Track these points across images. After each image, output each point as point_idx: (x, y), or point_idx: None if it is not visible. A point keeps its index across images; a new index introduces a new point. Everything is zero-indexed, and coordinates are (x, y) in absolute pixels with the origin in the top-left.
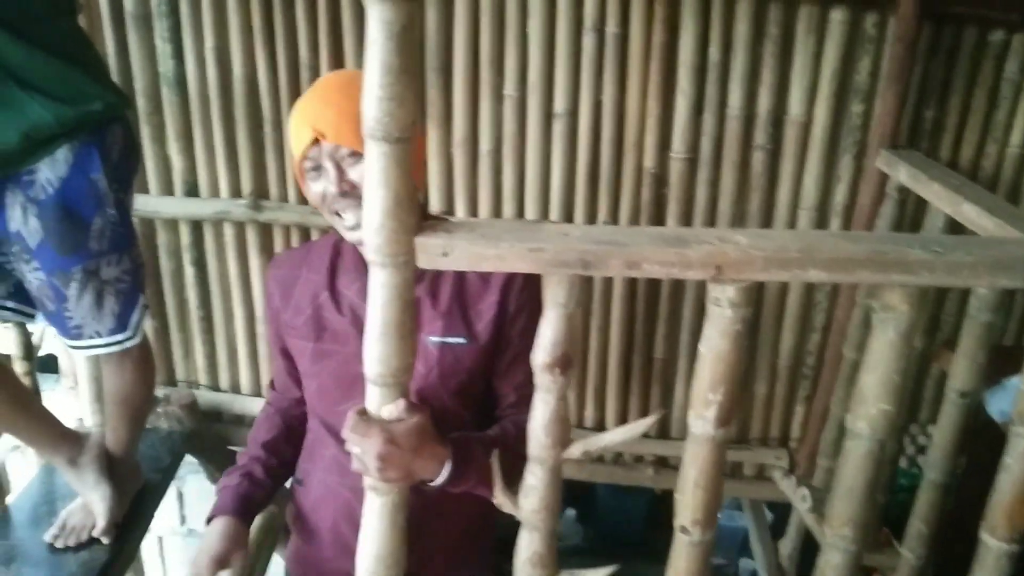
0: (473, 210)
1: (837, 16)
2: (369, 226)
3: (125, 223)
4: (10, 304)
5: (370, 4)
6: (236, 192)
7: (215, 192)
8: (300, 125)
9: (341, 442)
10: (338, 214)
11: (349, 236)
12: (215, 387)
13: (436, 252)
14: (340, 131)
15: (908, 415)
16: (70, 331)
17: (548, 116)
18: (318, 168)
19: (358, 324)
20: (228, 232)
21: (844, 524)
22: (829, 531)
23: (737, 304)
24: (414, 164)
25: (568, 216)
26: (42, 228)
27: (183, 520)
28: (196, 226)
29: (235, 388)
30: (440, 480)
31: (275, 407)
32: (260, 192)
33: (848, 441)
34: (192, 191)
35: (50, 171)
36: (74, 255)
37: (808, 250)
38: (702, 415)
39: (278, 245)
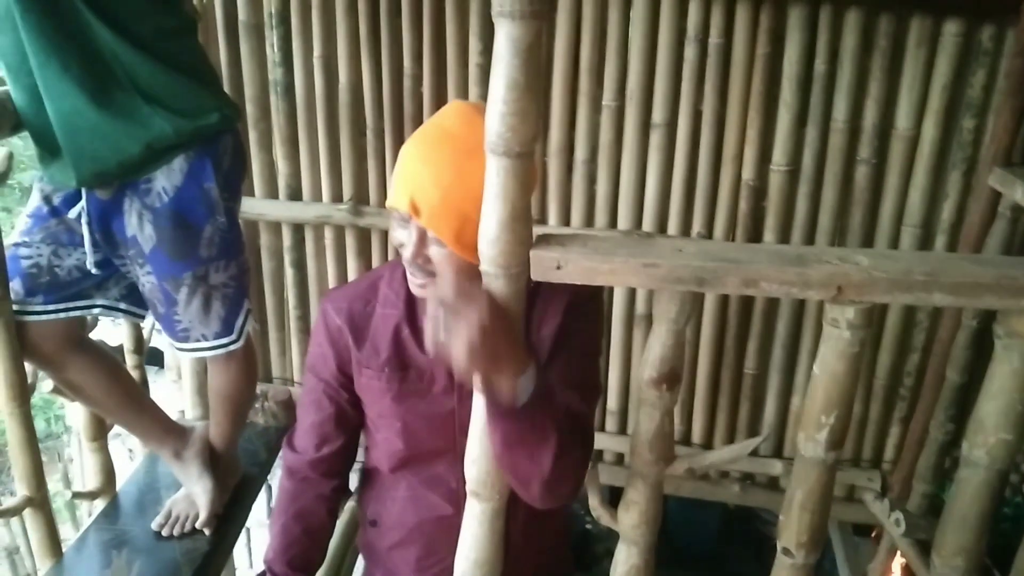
0: (565, 219)
1: (951, 28)
2: (485, 237)
3: (233, 230)
4: (122, 306)
5: (499, 22)
6: (337, 197)
7: (317, 196)
8: (404, 181)
9: (419, 477)
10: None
11: (415, 290)
12: None
13: (550, 265)
14: (435, 218)
15: None
16: (178, 333)
17: (646, 126)
18: (405, 222)
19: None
20: (328, 235)
21: (956, 554)
22: (938, 560)
23: (856, 326)
24: (532, 177)
25: (662, 227)
26: (156, 234)
27: (270, 512)
28: (297, 229)
29: None
30: (521, 388)
31: (305, 482)
32: (360, 197)
33: (963, 469)
34: (295, 195)
35: (166, 180)
36: (185, 261)
37: (934, 273)
38: (813, 437)
39: (376, 249)
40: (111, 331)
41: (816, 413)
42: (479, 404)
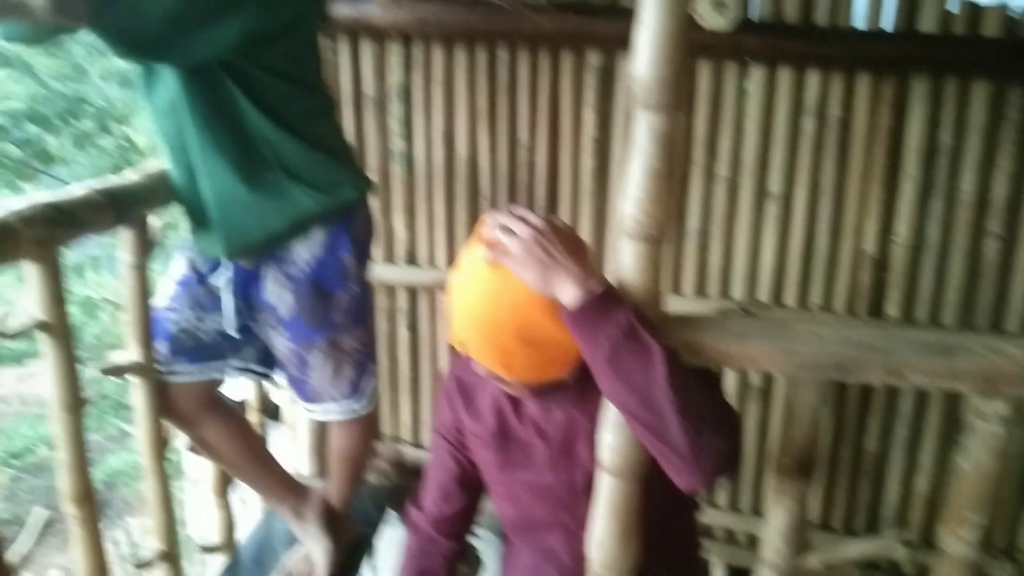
0: (676, 286)
1: None
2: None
3: (365, 297)
4: (255, 367)
5: (640, 113)
6: (452, 262)
7: (433, 262)
8: (455, 317)
9: (536, 546)
10: None
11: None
12: (417, 444)
13: (682, 350)
14: (481, 357)
15: None
16: (308, 395)
17: (761, 196)
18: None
19: (543, 435)
20: (442, 300)
21: None
22: None
23: (1009, 421)
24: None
25: (777, 298)
26: (295, 301)
27: (374, 570)
28: (412, 292)
29: None
30: (576, 296)
31: (427, 541)
32: None
33: None
34: (412, 260)
35: (305, 250)
36: (320, 327)
37: None
38: (958, 534)
39: None
40: (232, 385)
41: (961, 508)
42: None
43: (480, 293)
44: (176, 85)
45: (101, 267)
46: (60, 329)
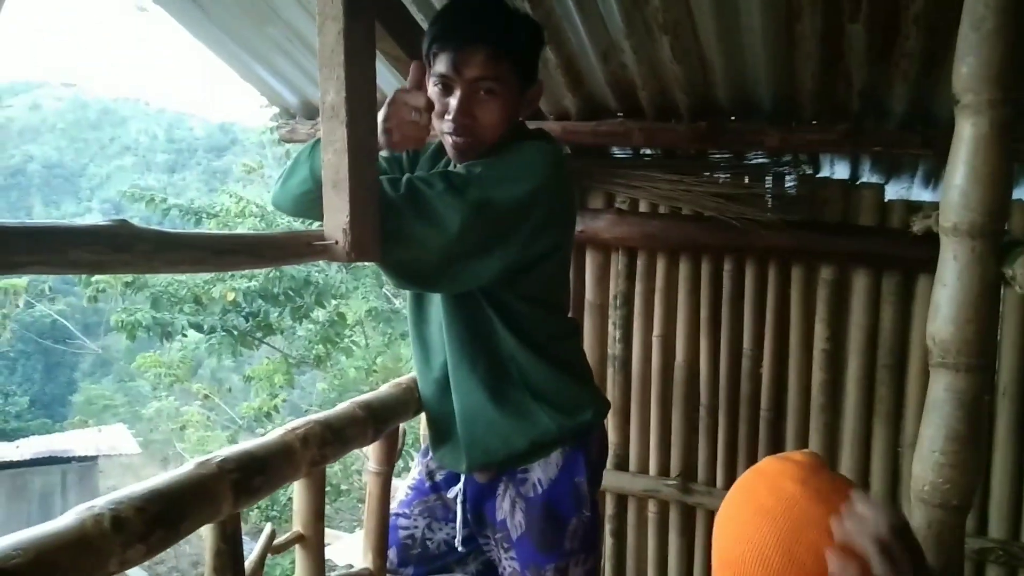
0: None
1: None
2: None
3: (595, 523)
4: None
5: (937, 372)
6: (664, 471)
7: (644, 469)
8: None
9: None
10: None
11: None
12: None
13: None
14: None
15: None
16: None
17: (1022, 425)
18: None
19: None
20: (652, 508)
21: None
22: None
23: None
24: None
25: None
26: (526, 523)
27: None
28: (620, 499)
29: None
30: None
31: None
32: (689, 474)
33: None
34: (622, 465)
35: (542, 471)
36: (550, 553)
37: None
38: None
39: (700, 528)
40: None
41: None
42: None
43: (770, 530)
44: (438, 307)
45: None
46: (316, 545)
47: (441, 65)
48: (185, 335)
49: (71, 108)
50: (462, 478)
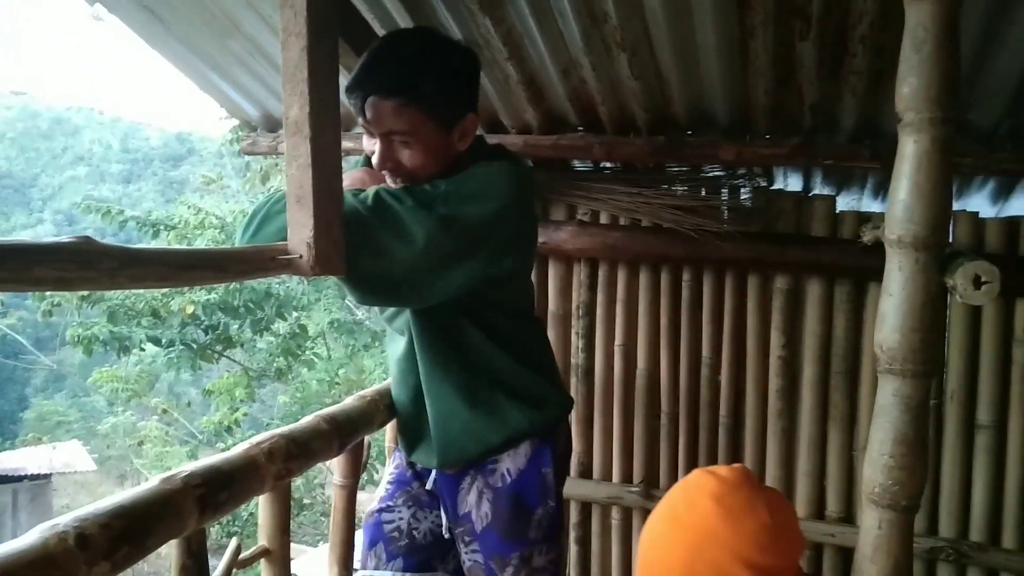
0: None
1: None
2: None
3: (559, 514)
4: None
5: (885, 377)
6: (627, 478)
7: (607, 476)
8: (642, 563)
9: None
10: None
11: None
12: None
13: None
14: None
15: None
16: None
17: (970, 427)
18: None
19: None
20: (615, 515)
21: None
22: None
23: None
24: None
25: (994, 538)
26: (492, 513)
27: None
28: (584, 507)
29: None
30: None
31: None
32: (651, 480)
33: None
34: (585, 473)
35: (511, 462)
36: (515, 541)
37: None
38: None
39: None
40: None
41: None
42: None
43: (677, 542)
44: (410, 319)
45: None
46: (282, 559)
47: (358, 115)
48: (143, 349)
49: (21, 117)
50: (434, 470)
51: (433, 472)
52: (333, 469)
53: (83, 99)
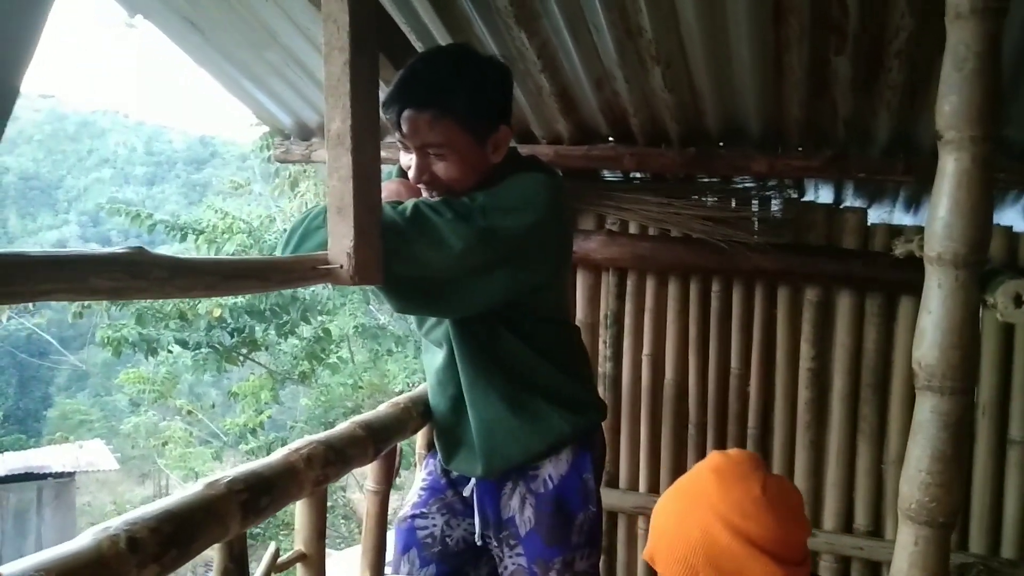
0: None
1: None
2: None
3: (599, 519)
4: None
5: (923, 394)
6: (654, 488)
7: (633, 486)
8: (653, 527)
9: None
10: None
11: None
12: None
13: None
14: (666, 572)
15: None
16: None
17: (1002, 442)
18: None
19: None
20: (641, 525)
21: None
22: None
23: None
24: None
25: (1022, 551)
26: (535, 518)
27: None
28: (611, 516)
29: None
30: None
31: None
32: None
33: None
34: (612, 482)
35: (553, 468)
36: (558, 546)
37: None
38: None
39: None
40: None
41: None
42: None
43: (674, 504)
44: (450, 329)
45: None
46: (318, 562)
47: (394, 128)
48: (171, 351)
49: (49, 120)
50: (473, 478)
51: (472, 480)
52: (362, 474)
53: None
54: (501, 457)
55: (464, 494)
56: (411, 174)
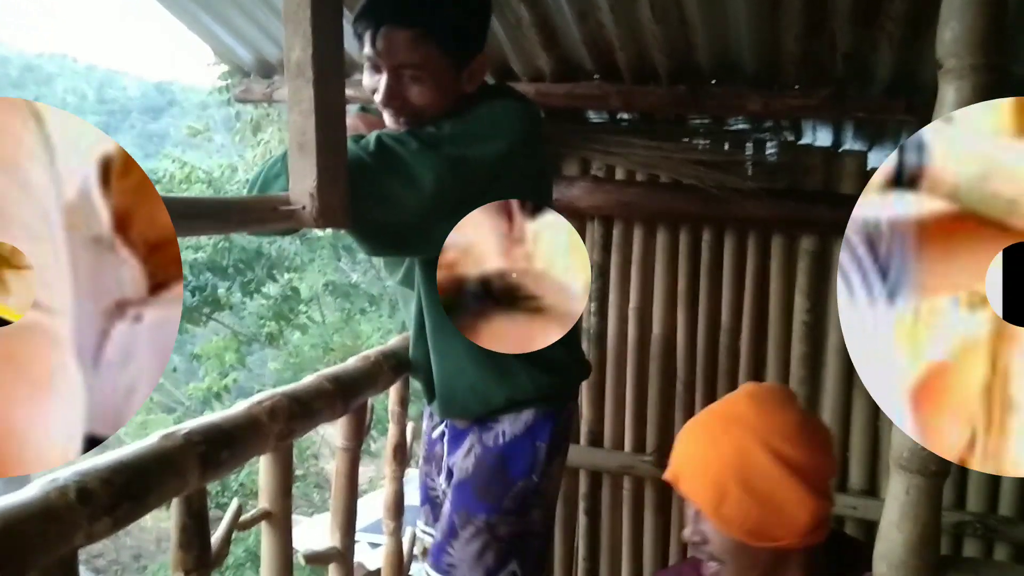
0: None
1: None
2: (887, 560)
3: (540, 492)
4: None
5: None
6: (640, 447)
7: (619, 445)
8: (676, 454)
9: None
10: None
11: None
12: None
13: None
14: (692, 490)
15: None
16: (442, 566)
17: None
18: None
19: None
20: (627, 486)
21: None
22: None
23: None
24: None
25: (1020, 509)
26: (473, 469)
27: None
28: (595, 476)
29: None
30: None
31: None
32: (665, 450)
33: None
34: (596, 441)
35: (508, 426)
36: (485, 503)
37: None
38: None
39: (675, 506)
40: (370, 555)
41: None
42: None
43: (707, 425)
44: (418, 274)
45: None
46: (283, 521)
47: (366, 45)
48: None
49: None
50: (444, 423)
51: (442, 426)
52: (327, 435)
53: (56, 45)
54: (460, 407)
55: (432, 437)
56: (378, 96)
